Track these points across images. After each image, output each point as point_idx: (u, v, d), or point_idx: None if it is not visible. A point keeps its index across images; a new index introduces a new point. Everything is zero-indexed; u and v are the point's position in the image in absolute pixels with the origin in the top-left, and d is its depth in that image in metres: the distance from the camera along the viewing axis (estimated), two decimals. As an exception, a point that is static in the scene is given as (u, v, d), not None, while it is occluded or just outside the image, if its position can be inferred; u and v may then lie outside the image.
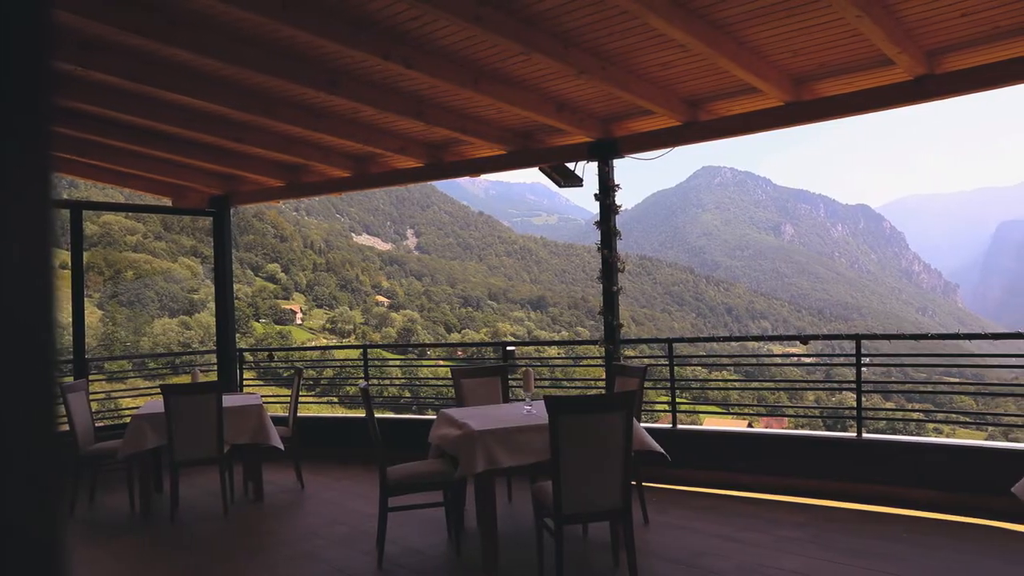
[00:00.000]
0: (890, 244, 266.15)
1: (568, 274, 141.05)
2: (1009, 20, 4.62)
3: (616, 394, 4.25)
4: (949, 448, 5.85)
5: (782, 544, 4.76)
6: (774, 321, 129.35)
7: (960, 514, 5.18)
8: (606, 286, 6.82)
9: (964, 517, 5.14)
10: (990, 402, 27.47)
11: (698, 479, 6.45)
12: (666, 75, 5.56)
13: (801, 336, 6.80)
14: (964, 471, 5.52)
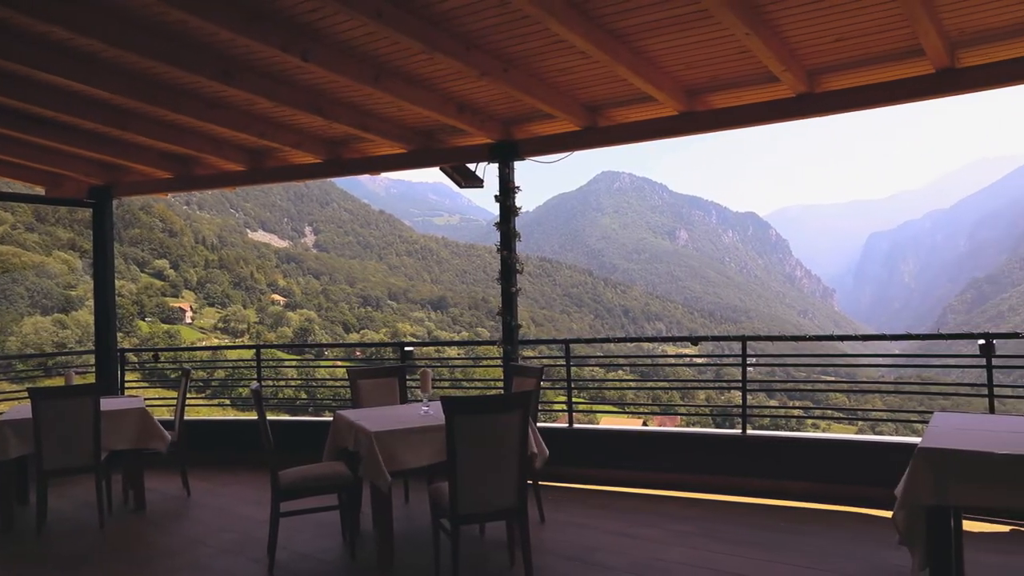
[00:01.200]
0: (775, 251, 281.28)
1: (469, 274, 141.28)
2: (879, 47, 4.99)
3: (512, 394, 4.29)
4: (825, 442, 6.26)
5: (673, 538, 4.95)
6: (668, 323, 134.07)
7: (836, 503, 5.54)
8: (505, 287, 6.87)
9: (839, 506, 5.50)
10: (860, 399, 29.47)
11: (594, 477, 6.60)
12: (567, 80, 5.66)
13: (692, 337, 7.08)
14: (839, 463, 5.90)
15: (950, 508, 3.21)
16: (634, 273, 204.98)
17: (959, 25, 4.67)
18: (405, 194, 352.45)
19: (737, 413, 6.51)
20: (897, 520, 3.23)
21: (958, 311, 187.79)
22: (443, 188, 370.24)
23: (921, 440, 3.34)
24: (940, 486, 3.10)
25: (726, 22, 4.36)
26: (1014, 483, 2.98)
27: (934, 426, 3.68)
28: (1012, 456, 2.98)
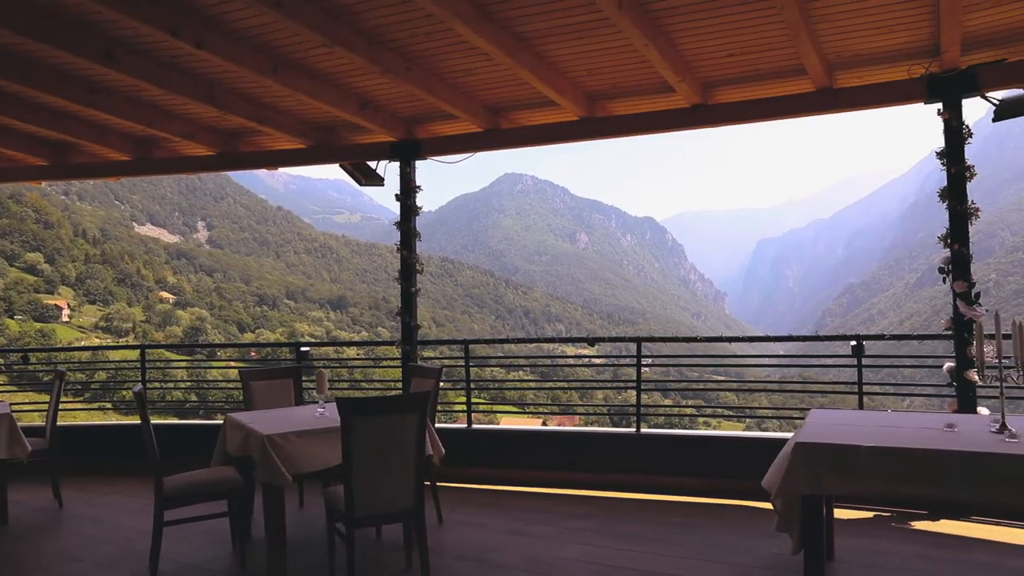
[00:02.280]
0: (671, 255, 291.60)
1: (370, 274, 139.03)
2: (766, 65, 5.27)
3: (409, 395, 4.25)
4: (715, 440, 6.53)
5: (566, 535, 5.04)
6: (568, 324, 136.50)
7: (725, 497, 5.79)
8: (404, 287, 6.81)
9: (728, 500, 5.74)
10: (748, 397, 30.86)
11: (493, 477, 6.63)
12: (470, 81, 5.67)
13: (589, 339, 7.23)
14: (727, 459, 6.17)
15: (822, 497, 3.44)
16: (535, 275, 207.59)
17: (837, 49, 5.00)
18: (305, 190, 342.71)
19: (633, 412, 6.70)
20: (776, 507, 3.46)
21: (835, 314, 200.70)
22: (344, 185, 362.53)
23: (797, 435, 3.55)
24: (814, 477, 3.32)
25: (626, 32, 4.49)
26: (878, 473, 3.23)
27: (810, 422, 3.93)
28: (876, 448, 3.22)
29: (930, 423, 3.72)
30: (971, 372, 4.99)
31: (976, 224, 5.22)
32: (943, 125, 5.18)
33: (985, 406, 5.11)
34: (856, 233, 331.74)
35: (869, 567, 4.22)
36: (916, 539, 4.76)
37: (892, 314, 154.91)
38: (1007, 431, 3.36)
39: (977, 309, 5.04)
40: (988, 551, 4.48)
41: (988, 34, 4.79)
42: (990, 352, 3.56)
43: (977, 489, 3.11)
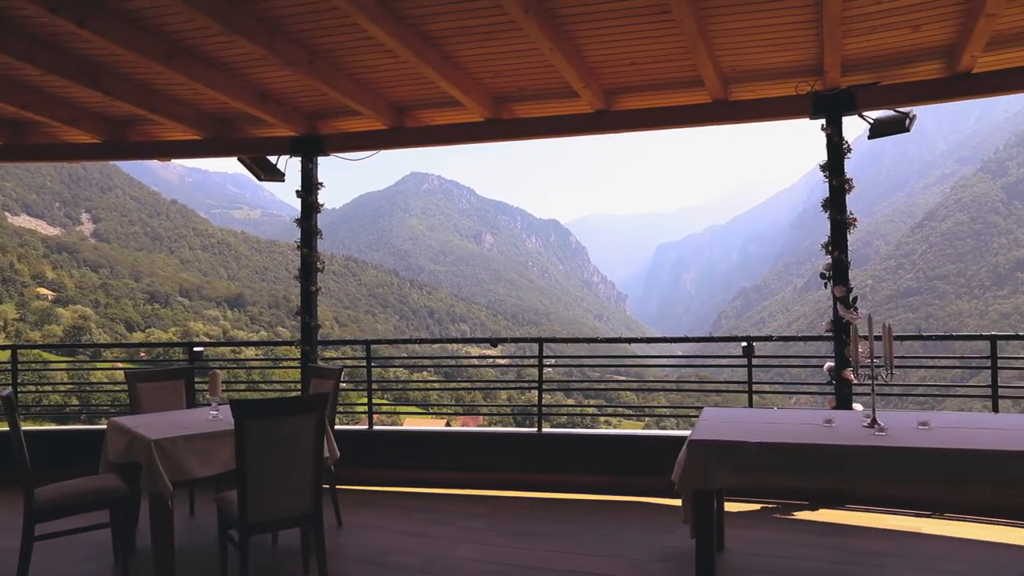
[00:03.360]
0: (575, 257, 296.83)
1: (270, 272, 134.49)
2: (667, 75, 5.46)
3: (307, 396, 4.15)
4: (614, 438, 6.69)
5: (466, 535, 5.05)
6: (473, 324, 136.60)
7: (624, 494, 5.93)
8: (304, 286, 6.64)
9: (626, 496, 5.89)
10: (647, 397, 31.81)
11: (395, 478, 6.56)
12: (375, 78, 5.59)
13: (492, 339, 7.28)
14: (626, 457, 6.33)
15: (714, 490, 3.59)
16: (440, 275, 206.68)
17: (732, 63, 5.23)
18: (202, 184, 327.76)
19: (535, 412, 6.78)
20: (684, 499, 3.63)
21: (730, 316, 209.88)
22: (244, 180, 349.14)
23: (691, 433, 3.70)
24: (706, 472, 3.48)
25: (532, 36, 4.54)
26: (764, 468, 3.41)
27: (703, 420, 4.10)
28: (762, 444, 3.40)
29: (811, 419, 3.96)
30: (847, 371, 5.33)
31: (854, 233, 5.59)
32: (826, 140, 5.51)
33: (860, 402, 5.46)
34: (749, 239, 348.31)
35: (756, 556, 4.43)
36: (798, 528, 5.04)
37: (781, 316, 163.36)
38: (877, 425, 3.62)
39: (854, 312, 5.39)
40: (862, 537, 4.81)
41: (864, 58, 5.14)
42: (864, 352, 3.81)
43: (850, 479, 3.34)
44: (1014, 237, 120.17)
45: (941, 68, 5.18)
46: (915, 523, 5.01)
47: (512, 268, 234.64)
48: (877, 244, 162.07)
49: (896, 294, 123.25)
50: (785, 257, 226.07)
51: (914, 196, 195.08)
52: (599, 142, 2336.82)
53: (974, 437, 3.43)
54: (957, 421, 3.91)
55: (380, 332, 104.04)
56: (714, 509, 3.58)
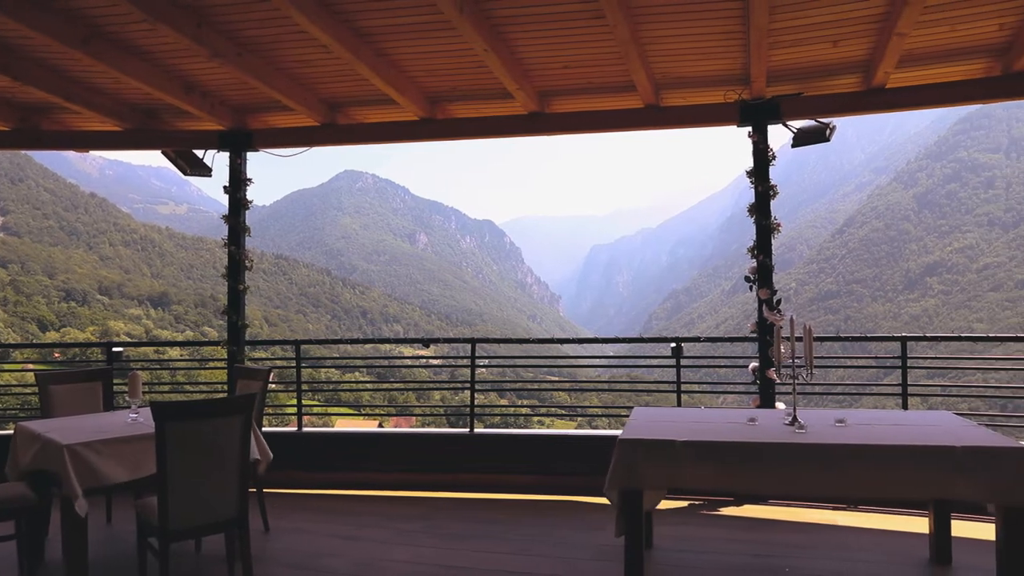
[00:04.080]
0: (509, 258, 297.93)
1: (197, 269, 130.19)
2: (600, 79, 5.53)
3: (232, 397, 4.04)
4: (546, 437, 6.74)
5: (398, 537, 5.00)
6: (406, 324, 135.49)
7: (556, 493, 5.98)
8: (232, 284, 6.46)
9: (558, 495, 5.94)
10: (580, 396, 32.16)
11: (325, 481, 6.44)
12: (306, 73, 5.48)
13: (424, 340, 7.25)
14: (558, 456, 6.38)
15: (643, 488, 3.66)
16: (373, 274, 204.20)
17: (663, 70, 5.34)
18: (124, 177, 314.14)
19: (469, 412, 6.77)
20: (611, 499, 3.67)
21: (660, 318, 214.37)
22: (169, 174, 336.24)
23: (621, 432, 3.76)
24: (635, 470, 3.54)
25: (467, 36, 4.54)
26: (691, 465, 3.49)
27: (633, 419, 4.17)
28: (688, 442, 3.49)
29: (736, 417, 4.08)
30: (771, 371, 5.52)
31: (779, 238, 5.78)
32: (752, 147, 5.69)
33: (783, 401, 5.66)
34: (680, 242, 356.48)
35: (683, 552, 4.54)
36: (724, 524, 5.19)
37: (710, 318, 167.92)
38: (797, 423, 3.76)
39: (777, 314, 5.58)
40: (783, 530, 4.99)
41: (788, 70, 5.33)
42: (786, 353, 3.95)
43: (771, 474, 3.46)
44: (924, 244, 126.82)
45: (858, 82, 5.42)
46: (831, 516, 5.22)
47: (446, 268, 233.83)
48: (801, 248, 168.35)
49: (818, 296, 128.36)
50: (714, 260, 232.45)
51: (834, 203, 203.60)
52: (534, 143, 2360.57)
53: (885, 433, 3.60)
54: (871, 418, 4.10)
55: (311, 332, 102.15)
56: (642, 505, 3.64)
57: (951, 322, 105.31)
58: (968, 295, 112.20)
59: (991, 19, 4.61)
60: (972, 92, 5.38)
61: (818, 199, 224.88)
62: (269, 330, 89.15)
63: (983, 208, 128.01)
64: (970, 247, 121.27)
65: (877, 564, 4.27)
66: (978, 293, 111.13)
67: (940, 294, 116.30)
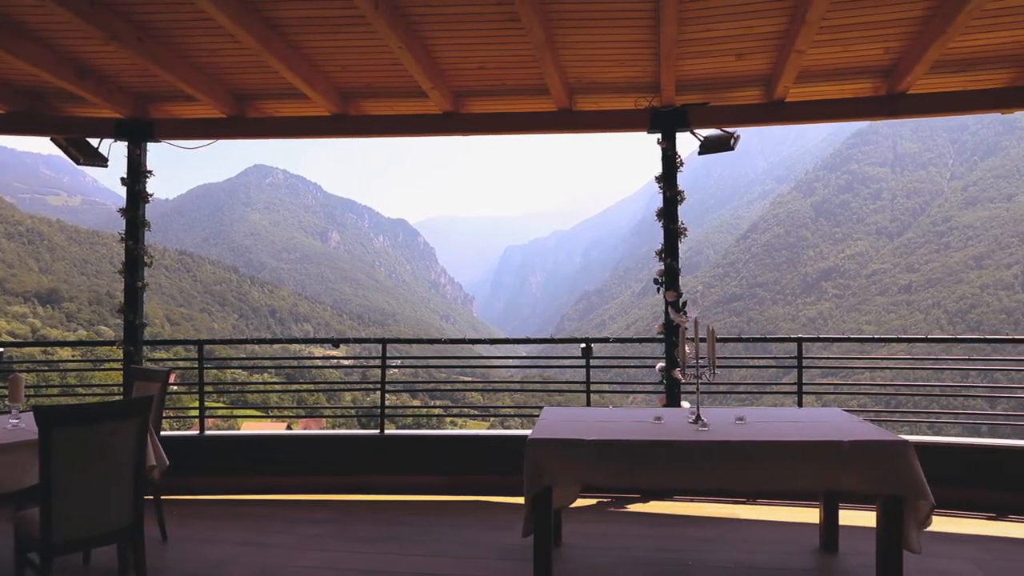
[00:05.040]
0: (423, 257, 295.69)
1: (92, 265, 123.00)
2: (516, 81, 5.58)
3: (126, 400, 3.84)
4: (457, 438, 6.73)
5: (305, 542, 4.88)
6: (317, 324, 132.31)
7: (467, 494, 5.97)
8: (129, 281, 6.14)
9: (469, 496, 5.93)
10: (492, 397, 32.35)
11: (230, 486, 6.20)
12: (213, 62, 5.28)
13: (334, 340, 7.10)
14: (469, 457, 6.38)
15: (552, 486, 3.70)
16: (283, 273, 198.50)
17: (577, 75, 5.43)
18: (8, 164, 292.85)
19: (379, 414, 6.67)
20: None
21: (572, 319, 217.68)
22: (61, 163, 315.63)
23: (531, 432, 3.79)
24: (545, 469, 3.58)
25: (381, 32, 4.48)
26: (599, 463, 3.56)
27: (543, 419, 4.22)
28: (596, 441, 3.56)
29: (643, 416, 4.19)
30: (676, 371, 5.69)
31: (686, 242, 5.98)
32: (661, 153, 5.86)
33: (688, 400, 5.85)
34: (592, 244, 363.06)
35: (591, 549, 4.62)
36: (631, 520, 5.32)
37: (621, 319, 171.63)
38: (700, 421, 3.89)
39: (683, 316, 5.76)
40: (687, 525, 5.16)
41: (697, 80, 5.52)
42: (691, 353, 4.09)
43: (676, 471, 3.57)
44: (820, 250, 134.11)
45: (760, 95, 5.67)
46: (732, 510, 5.44)
47: (359, 267, 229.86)
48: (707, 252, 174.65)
49: (723, 299, 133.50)
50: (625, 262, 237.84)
51: (739, 210, 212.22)
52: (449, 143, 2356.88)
53: (780, 430, 3.79)
54: (769, 415, 4.30)
55: (217, 332, 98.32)
56: (551, 504, 3.69)
57: (843, 324, 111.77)
58: (858, 299, 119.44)
59: (878, 42, 4.93)
60: (861, 110, 5.74)
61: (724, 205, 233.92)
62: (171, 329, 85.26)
63: (872, 218, 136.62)
64: (860, 254, 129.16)
65: (772, 554, 4.47)
66: (867, 297, 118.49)
67: (834, 298, 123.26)
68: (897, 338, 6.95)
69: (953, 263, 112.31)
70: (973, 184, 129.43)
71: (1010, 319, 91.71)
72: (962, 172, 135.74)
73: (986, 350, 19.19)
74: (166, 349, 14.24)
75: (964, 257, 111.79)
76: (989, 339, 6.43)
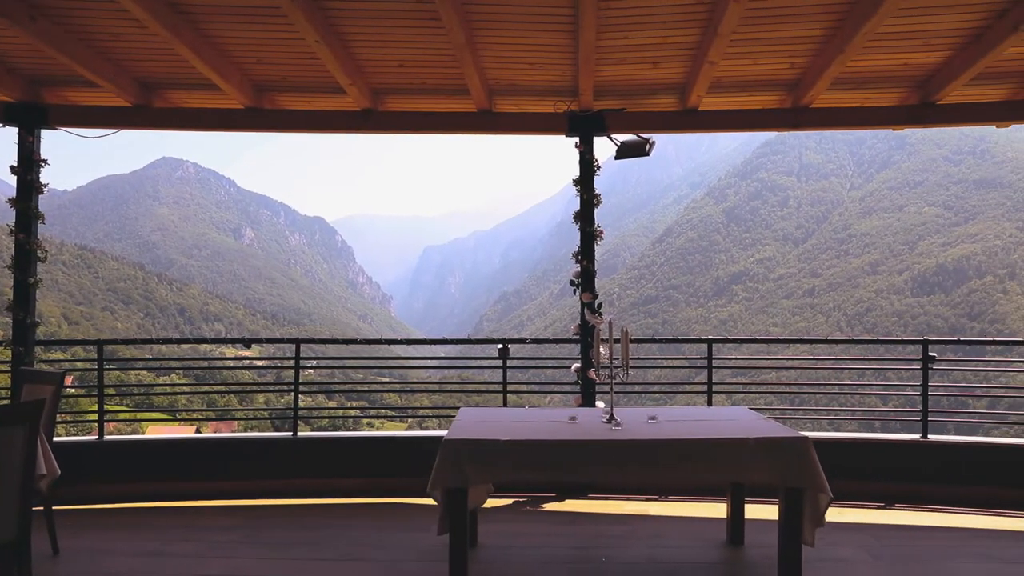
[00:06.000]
0: (340, 256, 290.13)
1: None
2: (436, 80, 5.55)
3: (13, 404, 3.60)
4: (373, 440, 6.64)
5: (213, 549, 4.70)
6: (229, 324, 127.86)
7: (383, 496, 5.88)
8: (19, 277, 5.76)
9: (386, 498, 5.84)
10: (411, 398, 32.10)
11: (133, 494, 5.89)
12: (117, 47, 5.02)
13: (245, 340, 6.90)
14: (385, 458, 6.29)
15: (468, 486, 3.69)
16: (193, 270, 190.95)
17: (497, 76, 5.45)
18: None
19: (293, 416, 6.50)
20: (435, 499, 3.69)
21: (491, 319, 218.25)
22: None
23: (447, 433, 3.78)
24: (460, 469, 3.57)
25: (298, 25, 4.38)
26: (514, 463, 3.58)
27: (459, 420, 4.21)
28: (511, 441, 3.58)
29: (558, 416, 4.24)
30: (591, 372, 5.79)
31: (603, 245, 6.09)
32: (579, 157, 5.94)
33: (602, 400, 5.95)
34: (511, 245, 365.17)
35: (507, 548, 4.64)
36: (546, 519, 5.37)
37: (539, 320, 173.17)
38: (614, 420, 3.97)
39: (598, 317, 5.86)
40: (601, 522, 5.26)
41: (614, 86, 5.64)
42: (605, 354, 4.16)
43: (590, 470, 3.63)
44: (731, 255, 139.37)
45: (674, 103, 5.84)
46: (644, 506, 5.57)
47: (274, 266, 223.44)
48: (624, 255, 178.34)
49: (639, 301, 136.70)
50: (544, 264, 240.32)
51: (655, 214, 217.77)
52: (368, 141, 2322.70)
53: (690, 428, 3.90)
54: (680, 414, 4.43)
55: (121, 331, 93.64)
56: (466, 504, 3.68)
57: (752, 326, 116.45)
58: (766, 302, 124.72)
59: (784, 57, 5.16)
60: (768, 120, 6.00)
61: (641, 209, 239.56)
62: (69, 329, 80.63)
63: (779, 224, 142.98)
64: (768, 259, 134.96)
65: (682, 548, 4.61)
66: (774, 300, 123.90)
67: (744, 300, 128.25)
68: (800, 339, 7.28)
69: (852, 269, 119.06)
70: (869, 195, 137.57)
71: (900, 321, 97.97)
72: (860, 183, 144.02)
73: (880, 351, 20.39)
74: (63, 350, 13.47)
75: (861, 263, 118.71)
76: (883, 340, 6.82)
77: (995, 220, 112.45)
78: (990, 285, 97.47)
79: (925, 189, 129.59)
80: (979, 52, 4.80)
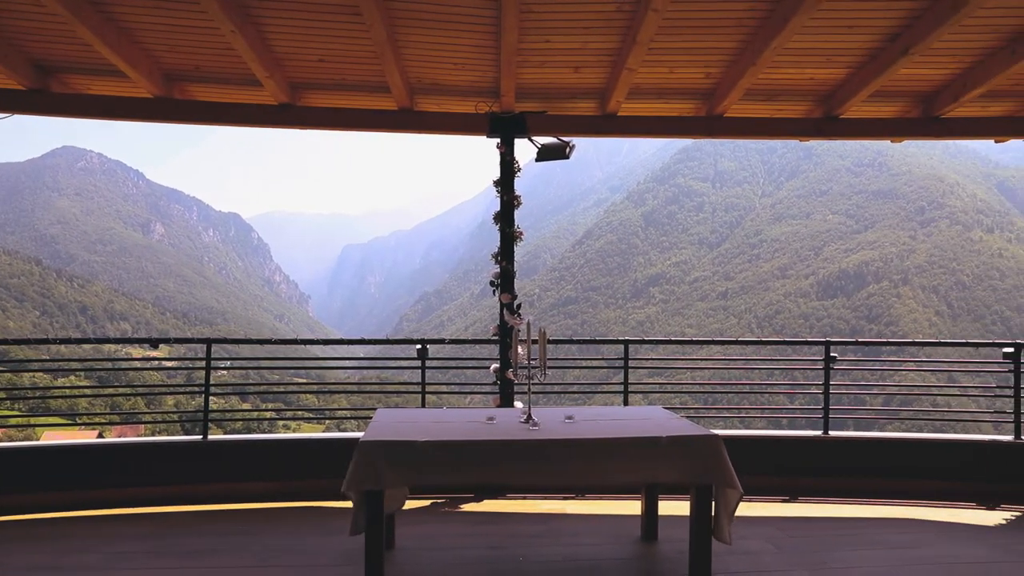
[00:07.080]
0: (256, 254, 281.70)
1: None
2: (356, 77, 5.47)
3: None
4: (287, 442, 6.48)
5: (115, 560, 4.47)
6: (136, 323, 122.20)
7: (298, 500, 5.76)
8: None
9: (301, 502, 5.72)
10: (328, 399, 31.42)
11: (26, 505, 5.54)
12: (10, 26, 4.73)
13: (152, 340, 6.64)
14: (301, 461, 6.14)
15: (384, 488, 3.66)
16: (97, 266, 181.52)
17: (418, 75, 5.42)
18: None
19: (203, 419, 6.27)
20: (351, 499, 3.64)
21: (411, 319, 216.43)
22: None
23: (363, 434, 3.73)
24: (376, 472, 3.53)
25: (212, 13, 4.24)
26: (431, 464, 3.57)
27: (376, 421, 4.16)
28: (429, 442, 3.57)
29: (476, 417, 4.25)
30: (509, 372, 5.82)
31: (524, 246, 6.14)
32: (500, 158, 5.97)
33: (521, 400, 6.00)
34: (432, 246, 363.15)
35: (424, 550, 4.61)
36: (464, 520, 5.37)
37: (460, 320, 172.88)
38: (531, 420, 4.01)
39: (517, 318, 5.90)
40: (519, 522, 5.30)
41: (536, 88, 5.69)
42: (523, 355, 4.20)
43: (507, 469, 3.66)
44: (648, 258, 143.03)
45: (595, 107, 5.95)
46: (561, 505, 5.65)
47: (185, 263, 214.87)
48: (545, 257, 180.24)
49: (559, 302, 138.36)
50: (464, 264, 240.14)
51: (576, 216, 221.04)
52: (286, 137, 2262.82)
53: (606, 428, 3.99)
54: (596, 414, 4.51)
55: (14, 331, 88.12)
56: (383, 506, 3.65)
57: (668, 327, 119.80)
58: (682, 303, 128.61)
59: (700, 67, 5.34)
60: (684, 127, 6.20)
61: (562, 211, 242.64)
62: (-45, 328, 75.26)
63: (695, 229, 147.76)
64: (684, 262, 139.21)
65: (597, 546, 4.69)
66: (689, 302, 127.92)
67: (660, 302, 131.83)
68: (714, 340, 7.53)
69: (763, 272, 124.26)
70: (779, 202, 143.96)
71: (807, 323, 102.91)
72: (771, 190, 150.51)
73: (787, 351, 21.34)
74: (-53, 350, 12.59)
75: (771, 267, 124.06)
76: (789, 341, 7.15)
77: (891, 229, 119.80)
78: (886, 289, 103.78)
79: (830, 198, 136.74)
80: (875, 71, 5.11)
